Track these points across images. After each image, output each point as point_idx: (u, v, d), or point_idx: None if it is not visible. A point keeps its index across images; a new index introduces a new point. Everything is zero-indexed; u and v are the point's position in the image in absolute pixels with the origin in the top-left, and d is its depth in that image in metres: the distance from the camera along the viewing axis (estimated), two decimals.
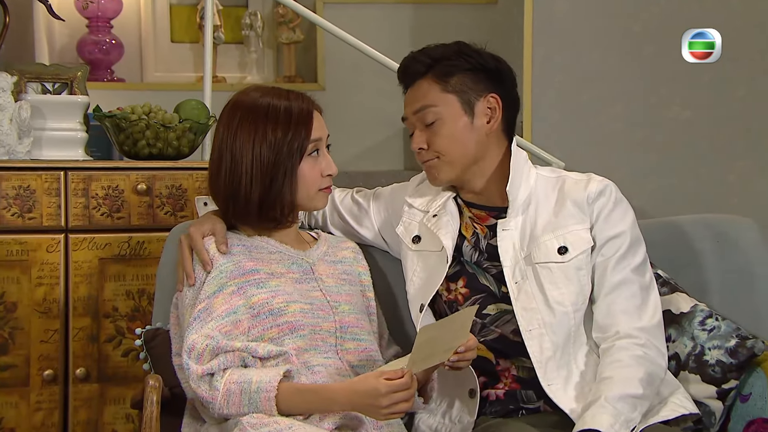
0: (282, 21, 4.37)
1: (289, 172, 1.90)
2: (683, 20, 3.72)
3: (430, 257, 2.07)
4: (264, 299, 1.88)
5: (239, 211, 1.93)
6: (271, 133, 1.89)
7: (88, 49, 4.03)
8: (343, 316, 1.95)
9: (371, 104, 4.27)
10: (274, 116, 1.90)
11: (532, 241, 1.99)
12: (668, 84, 3.86)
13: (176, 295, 1.98)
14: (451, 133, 2.01)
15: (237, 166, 1.89)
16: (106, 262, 2.59)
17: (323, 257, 2.04)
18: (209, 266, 1.89)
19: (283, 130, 1.90)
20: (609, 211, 2.00)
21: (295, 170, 1.91)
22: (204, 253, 1.91)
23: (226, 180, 1.91)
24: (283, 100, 1.93)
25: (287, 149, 1.89)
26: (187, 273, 1.92)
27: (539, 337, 1.93)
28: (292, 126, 1.91)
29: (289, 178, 1.90)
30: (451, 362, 1.82)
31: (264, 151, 1.89)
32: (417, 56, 2.05)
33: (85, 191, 2.57)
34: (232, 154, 1.90)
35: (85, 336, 2.58)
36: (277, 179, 1.89)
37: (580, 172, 2.08)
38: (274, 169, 1.89)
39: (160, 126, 2.63)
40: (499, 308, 2.00)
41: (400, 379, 1.72)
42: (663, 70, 3.85)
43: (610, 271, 1.97)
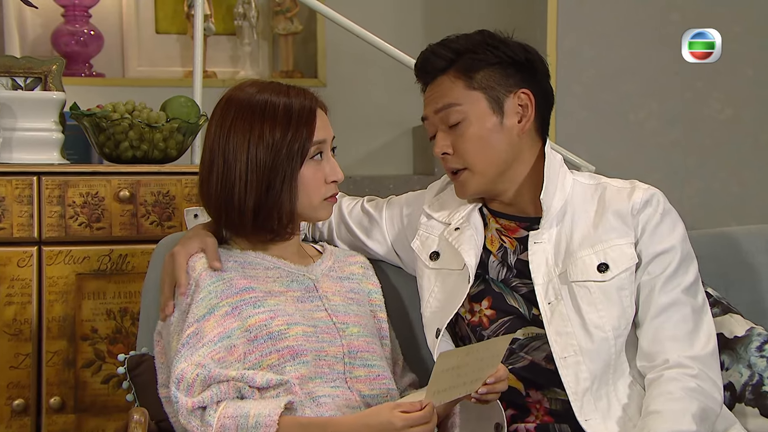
0: (278, 10, 4.40)
1: (288, 177, 1.88)
2: (725, 6, 3.71)
3: (449, 276, 2.05)
4: (262, 321, 1.86)
5: (232, 222, 1.92)
6: (268, 134, 1.88)
7: (63, 40, 4.02)
8: (351, 340, 1.93)
9: (378, 102, 4.31)
10: (271, 114, 1.89)
11: (568, 256, 1.97)
12: (707, 78, 3.89)
13: (159, 324, 1.97)
14: (479, 134, 1.99)
15: (230, 171, 1.88)
16: (84, 278, 2.58)
17: (328, 272, 2.03)
18: (182, 288, 1.88)
19: (281, 130, 1.88)
20: (656, 223, 1.98)
21: (295, 176, 1.89)
22: (182, 274, 1.89)
23: (218, 186, 1.90)
24: (283, 97, 1.92)
25: (286, 152, 1.88)
26: (163, 302, 1.91)
27: (575, 366, 1.91)
28: (293, 126, 1.89)
29: (288, 184, 1.88)
30: (478, 394, 1.78)
31: (260, 154, 1.87)
32: (437, 49, 2.03)
33: (60, 198, 2.56)
34: (224, 157, 1.89)
35: (60, 361, 2.57)
36: (275, 186, 1.88)
37: (622, 179, 2.06)
38: (272, 174, 1.87)
39: (144, 126, 2.62)
40: (529, 332, 1.98)
41: (418, 412, 1.69)
42: (700, 63, 3.83)
43: (658, 291, 1.95)
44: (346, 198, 2.24)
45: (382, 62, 3.48)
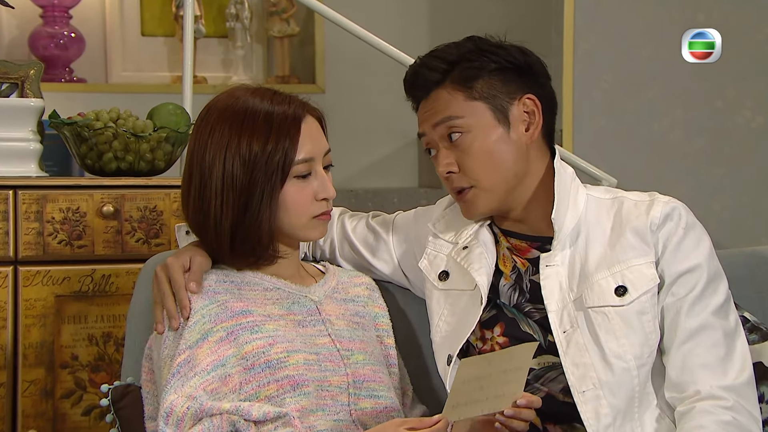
0: (274, 11, 4.43)
1: (268, 196, 1.86)
2: (755, 5, 3.72)
3: (460, 298, 2.03)
4: (259, 348, 1.84)
5: (210, 243, 1.91)
6: (245, 146, 1.85)
7: (42, 42, 4.04)
8: (356, 368, 1.91)
9: (381, 109, 4.32)
10: (250, 124, 1.86)
11: (584, 280, 1.96)
12: (737, 84, 3.90)
13: (149, 344, 1.95)
14: (485, 149, 1.97)
15: (205, 187, 1.87)
16: (63, 301, 2.58)
17: (332, 294, 2.02)
18: (187, 311, 1.86)
19: (260, 142, 1.85)
20: (679, 239, 1.95)
21: (275, 194, 1.86)
22: (183, 291, 1.87)
23: (195, 203, 1.89)
24: (266, 104, 1.89)
25: (264, 167, 1.85)
26: (170, 312, 1.87)
27: (595, 400, 1.88)
28: (273, 137, 1.86)
29: (267, 204, 1.86)
30: (506, 416, 1.73)
31: (236, 169, 1.85)
32: (428, 62, 2.01)
33: (38, 214, 2.56)
34: (201, 171, 1.87)
35: (37, 390, 2.56)
36: (252, 205, 1.85)
37: (640, 191, 2.04)
38: (249, 191, 1.85)
39: (130, 135, 2.62)
40: (545, 361, 1.96)
41: (428, 428, 1.67)
42: (731, 67, 3.84)
43: (685, 314, 1.92)
44: (350, 214, 2.22)
45: (385, 67, 3.49)
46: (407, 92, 2.05)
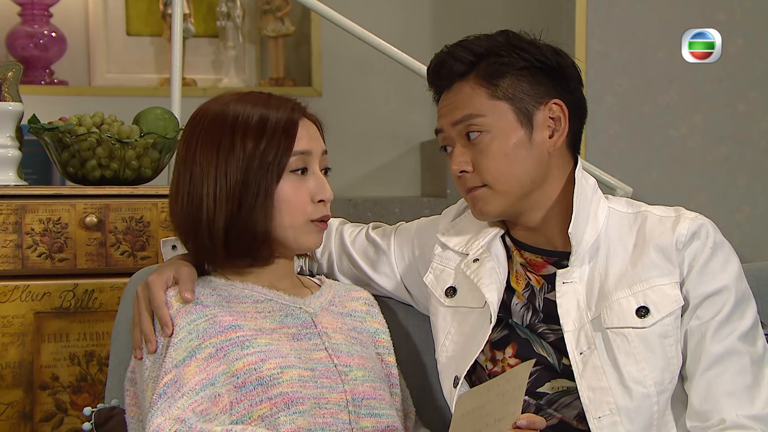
0: (267, 9, 4.44)
1: (263, 192, 1.88)
2: None
3: (468, 316, 2.03)
4: (251, 364, 1.84)
5: (203, 246, 1.92)
6: (239, 145, 1.88)
7: (20, 43, 4.06)
8: (355, 385, 1.91)
9: (380, 114, 4.35)
10: (243, 125, 1.90)
11: (603, 299, 1.95)
12: (760, 88, 3.89)
13: (131, 367, 1.96)
14: (504, 151, 1.97)
15: (197, 187, 1.89)
16: (43, 318, 2.58)
17: (328, 306, 2.02)
18: (169, 329, 1.87)
19: (254, 141, 1.88)
20: (706, 259, 1.95)
21: (271, 191, 1.89)
22: (164, 309, 1.88)
23: (185, 206, 1.91)
24: (261, 107, 1.92)
25: (259, 163, 1.88)
26: (146, 335, 1.89)
27: (611, 427, 1.88)
28: (267, 135, 1.89)
29: (262, 201, 1.88)
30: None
31: (230, 168, 1.88)
32: (455, 51, 2.01)
33: (17, 225, 2.57)
34: (191, 174, 1.90)
35: (15, 413, 2.56)
36: (246, 203, 1.88)
37: (665, 206, 2.03)
38: (243, 190, 1.88)
39: (114, 141, 2.63)
40: (558, 386, 1.96)
41: None
42: (752, 69, 3.83)
43: (710, 339, 1.92)
44: (349, 225, 2.23)
45: (385, 68, 3.51)
46: (429, 81, 2.06)
